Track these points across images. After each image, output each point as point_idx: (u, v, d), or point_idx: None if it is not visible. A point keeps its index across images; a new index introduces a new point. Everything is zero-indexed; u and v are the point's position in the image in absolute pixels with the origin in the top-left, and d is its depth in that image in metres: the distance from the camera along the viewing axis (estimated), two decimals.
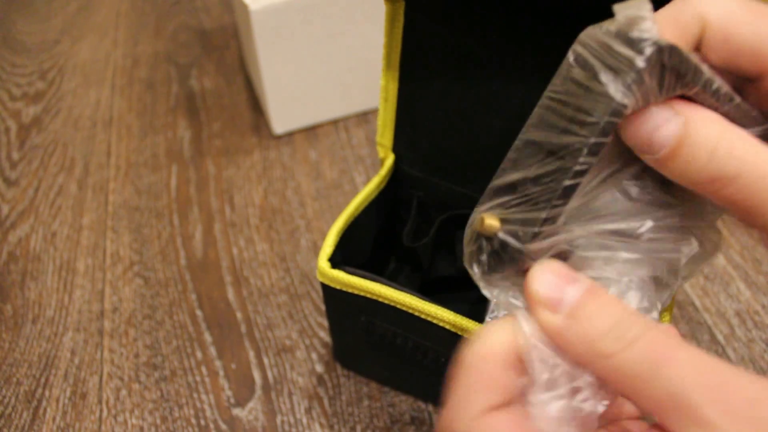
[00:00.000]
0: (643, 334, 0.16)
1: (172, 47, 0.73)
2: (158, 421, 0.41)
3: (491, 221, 0.18)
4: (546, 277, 0.17)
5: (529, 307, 0.17)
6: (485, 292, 0.20)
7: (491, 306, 0.25)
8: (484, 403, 0.17)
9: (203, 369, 0.43)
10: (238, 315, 0.46)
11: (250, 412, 0.41)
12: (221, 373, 0.43)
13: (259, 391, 0.42)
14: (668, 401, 0.15)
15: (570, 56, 0.17)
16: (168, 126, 0.62)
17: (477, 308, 0.42)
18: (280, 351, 0.44)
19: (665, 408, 0.15)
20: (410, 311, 0.31)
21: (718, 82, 0.17)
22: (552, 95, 0.18)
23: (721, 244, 0.21)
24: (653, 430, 0.17)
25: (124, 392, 0.42)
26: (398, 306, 0.31)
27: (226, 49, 0.72)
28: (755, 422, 0.14)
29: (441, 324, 0.30)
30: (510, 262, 0.18)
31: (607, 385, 0.17)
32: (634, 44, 0.15)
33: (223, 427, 0.40)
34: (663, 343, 0.16)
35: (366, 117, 0.61)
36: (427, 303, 0.30)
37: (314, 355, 0.43)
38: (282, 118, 0.59)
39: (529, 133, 0.18)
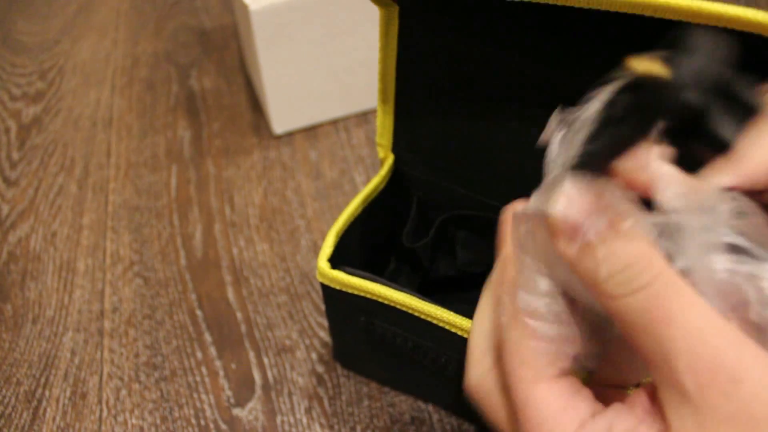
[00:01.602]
0: (649, 285, 0.15)
1: (172, 47, 0.73)
2: (158, 421, 0.41)
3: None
4: (572, 197, 0.17)
5: (549, 228, 0.17)
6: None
7: None
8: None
9: (203, 369, 0.43)
10: (238, 315, 0.46)
11: (250, 412, 0.41)
12: (221, 373, 0.43)
13: (259, 391, 0.42)
14: (656, 358, 0.15)
15: None
16: (168, 126, 0.62)
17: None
18: (280, 351, 0.44)
19: (652, 362, 0.16)
20: (410, 311, 0.31)
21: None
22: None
23: None
24: (640, 391, 0.18)
25: (124, 392, 0.42)
26: (398, 306, 0.31)
27: (226, 49, 0.72)
28: (732, 402, 0.14)
29: (441, 324, 0.30)
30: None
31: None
32: None
33: (223, 427, 0.40)
34: (667, 300, 0.15)
35: (366, 117, 0.61)
36: (426, 303, 0.30)
37: (314, 355, 0.43)
38: (282, 118, 0.59)
39: None
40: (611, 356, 0.20)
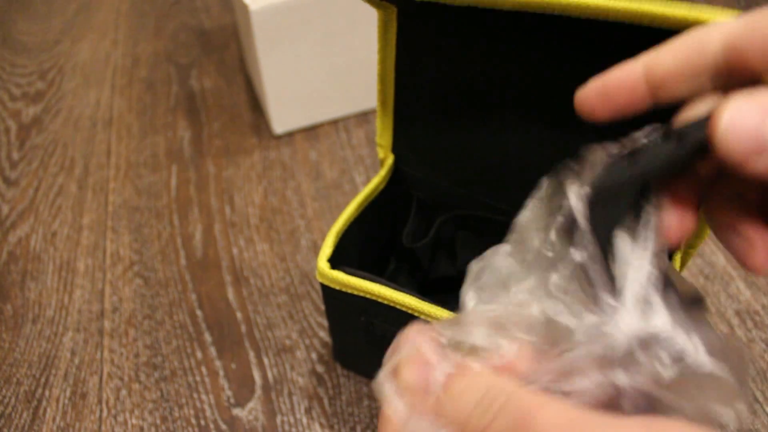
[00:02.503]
0: (507, 400, 0.16)
1: (172, 47, 0.73)
2: (158, 421, 0.41)
3: None
4: (412, 366, 0.18)
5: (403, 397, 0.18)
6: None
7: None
8: None
9: (203, 369, 0.43)
10: (238, 315, 0.46)
11: (250, 412, 0.41)
12: (221, 373, 0.43)
13: (259, 391, 0.42)
14: None
15: None
16: (168, 126, 0.62)
17: None
18: (280, 351, 0.44)
19: None
20: (410, 311, 0.31)
21: None
22: None
23: None
24: None
25: (124, 392, 0.42)
26: (398, 306, 0.31)
27: (226, 49, 0.72)
28: None
29: None
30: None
31: None
32: None
33: (223, 427, 0.40)
34: (527, 404, 0.16)
35: (366, 117, 0.61)
36: (426, 303, 0.30)
37: (314, 355, 0.43)
38: (282, 118, 0.59)
39: None
40: None
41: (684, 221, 0.20)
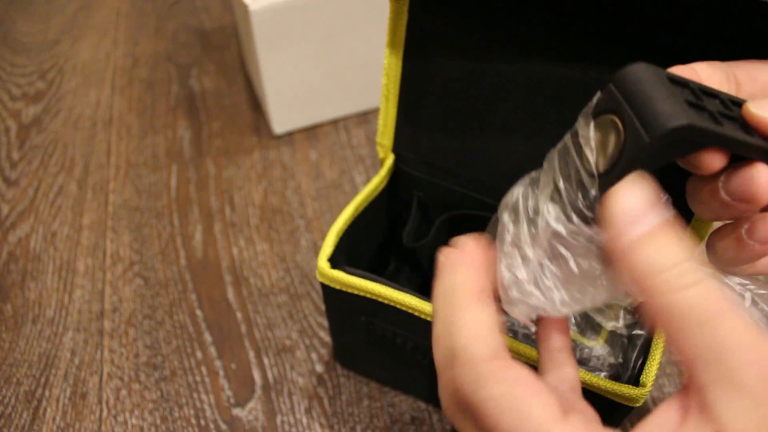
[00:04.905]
0: (702, 282, 0.16)
1: (172, 47, 0.73)
2: (158, 421, 0.41)
3: None
4: (631, 193, 0.17)
5: (602, 221, 0.17)
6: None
7: None
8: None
9: (203, 369, 0.43)
10: (238, 315, 0.46)
11: (250, 412, 0.41)
12: (221, 373, 0.43)
13: (259, 391, 0.42)
14: (709, 354, 0.15)
15: None
16: (168, 126, 0.62)
17: None
18: (280, 351, 0.44)
19: (703, 360, 0.15)
20: (410, 311, 0.31)
21: None
22: None
23: None
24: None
25: (124, 392, 0.42)
26: (398, 306, 0.31)
27: (226, 49, 0.72)
28: None
29: None
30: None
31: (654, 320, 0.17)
32: None
33: (223, 427, 0.40)
34: (719, 298, 0.16)
35: (366, 117, 0.61)
36: (427, 303, 0.30)
37: (314, 355, 0.43)
38: (282, 118, 0.59)
39: None
40: None
41: None
